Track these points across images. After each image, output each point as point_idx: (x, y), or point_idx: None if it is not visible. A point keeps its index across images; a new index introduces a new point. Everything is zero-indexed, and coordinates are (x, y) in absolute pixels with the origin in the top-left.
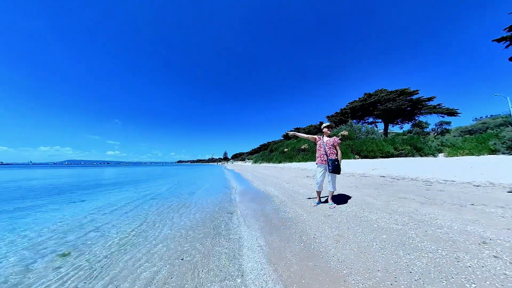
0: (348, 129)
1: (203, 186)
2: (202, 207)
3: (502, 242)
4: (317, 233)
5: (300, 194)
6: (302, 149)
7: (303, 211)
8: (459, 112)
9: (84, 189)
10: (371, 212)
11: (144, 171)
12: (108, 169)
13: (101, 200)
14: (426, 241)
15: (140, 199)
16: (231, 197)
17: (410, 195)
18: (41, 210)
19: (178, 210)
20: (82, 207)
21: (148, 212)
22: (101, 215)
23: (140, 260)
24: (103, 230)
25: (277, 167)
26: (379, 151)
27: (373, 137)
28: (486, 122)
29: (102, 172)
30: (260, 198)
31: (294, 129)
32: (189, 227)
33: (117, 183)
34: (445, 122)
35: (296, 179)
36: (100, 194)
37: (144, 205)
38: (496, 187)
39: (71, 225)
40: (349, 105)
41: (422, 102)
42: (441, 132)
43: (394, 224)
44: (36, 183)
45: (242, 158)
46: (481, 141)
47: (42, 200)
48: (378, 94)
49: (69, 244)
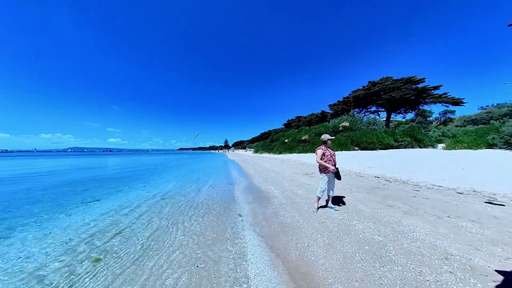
0: (350, 120)
1: (208, 182)
2: (209, 209)
3: (460, 258)
4: (310, 241)
5: (298, 196)
6: (303, 140)
7: (300, 216)
8: (464, 102)
9: (96, 186)
10: (359, 221)
11: (148, 161)
12: (112, 158)
13: (115, 199)
14: (400, 254)
15: (151, 199)
16: (235, 196)
17: (397, 202)
18: (65, 213)
19: (187, 212)
20: (100, 208)
21: (160, 214)
22: (120, 216)
23: (163, 267)
24: (125, 235)
25: (277, 159)
26: (379, 142)
27: (374, 128)
28: (490, 111)
29: (108, 162)
30: (261, 199)
31: (295, 118)
32: (199, 232)
33: (125, 178)
34: (450, 111)
35: (295, 177)
36: (112, 192)
37: (156, 206)
38: (478, 195)
39: (95, 229)
40: (352, 94)
41: (427, 91)
42: (444, 121)
43: (377, 236)
44: (51, 182)
45: (243, 146)
46: (481, 134)
47: (63, 200)
48: (383, 82)
49: (100, 250)
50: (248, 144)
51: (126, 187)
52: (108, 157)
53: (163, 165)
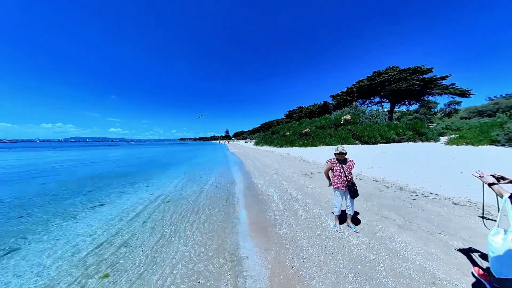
0: (352, 112)
1: (209, 181)
2: (210, 214)
3: (446, 284)
4: (306, 257)
5: (297, 201)
6: (304, 134)
7: (297, 226)
8: (472, 93)
9: (101, 185)
10: (354, 235)
11: (151, 154)
12: (115, 150)
13: (119, 203)
14: (390, 276)
15: (153, 202)
16: (234, 199)
17: (393, 213)
18: (73, 219)
19: (188, 219)
20: (105, 213)
21: (163, 220)
22: (124, 223)
23: (167, 282)
24: (130, 246)
25: (277, 154)
26: (380, 136)
27: (376, 121)
28: (498, 103)
29: (111, 155)
30: (260, 203)
31: (297, 108)
32: (201, 242)
33: (129, 176)
34: (456, 102)
35: (294, 177)
36: (116, 194)
37: (159, 210)
38: (472, 206)
39: (102, 238)
40: (356, 85)
41: (434, 82)
42: (448, 113)
43: (370, 253)
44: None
45: (244, 137)
46: (484, 130)
47: (69, 204)
48: (388, 72)
49: (107, 263)
50: (249, 135)
51: (130, 187)
52: (111, 149)
53: (165, 159)
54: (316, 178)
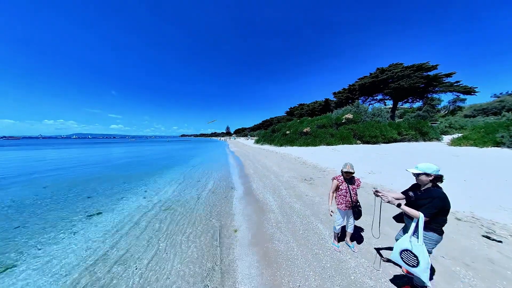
0: (353, 111)
1: (208, 185)
2: (207, 225)
3: None
4: (302, 280)
5: (295, 212)
6: (304, 133)
7: (295, 242)
8: (477, 91)
9: (99, 190)
10: (353, 256)
11: (150, 153)
12: (115, 149)
13: (116, 211)
14: None
15: (151, 210)
16: (232, 208)
17: (394, 230)
18: (69, 230)
19: (185, 230)
20: (101, 224)
21: (159, 232)
22: (120, 236)
23: None
24: (125, 263)
25: (277, 154)
26: (382, 136)
27: (378, 120)
28: (504, 100)
29: (113, 154)
30: (258, 213)
31: (298, 105)
32: (196, 259)
33: (128, 178)
34: (460, 99)
35: (294, 183)
36: (114, 201)
37: (156, 220)
38: (476, 223)
39: (98, 254)
40: (358, 82)
41: (439, 79)
42: (452, 110)
43: (368, 278)
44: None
45: (244, 134)
46: (489, 131)
47: (66, 212)
48: (392, 69)
49: (100, 285)
50: (249, 132)
51: (128, 193)
52: (112, 147)
53: (165, 159)
54: (316, 184)
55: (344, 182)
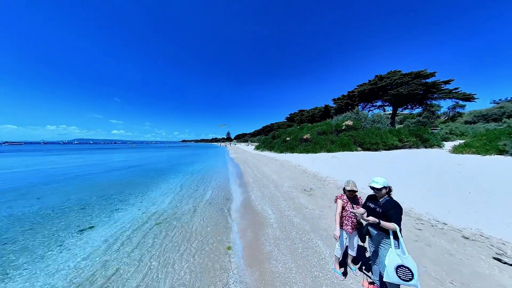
0: (354, 117)
1: (205, 196)
2: (202, 242)
3: None
4: None
5: (294, 226)
6: (304, 139)
7: (293, 262)
8: (476, 98)
9: (94, 200)
10: (355, 280)
11: (150, 159)
12: (115, 155)
13: (109, 225)
14: None
15: (146, 224)
16: (229, 222)
17: None
18: (59, 247)
19: (179, 248)
20: (92, 240)
21: (152, 249)
22: (111, 253)
23: None
24: (113, 285)
25: (277, 161)
26: (383, 143)
27: (378, 127)
28: (503, 106)
29: (111, 162)
30: (256, 227)
31: (298, 112)
32: (188, 282)
33: (124, 186)
34: (459, 106)
35: (293, 194)
36: (108, 213)
37: (149, 235)
38: (485, 243)
39: (85, 275)
40: (357, 88)
41: (437, 86)
42: (452, 116)
43: None
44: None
45: (245, 139)
46: (491, 138)
47: (59, 225)
48: (390, 77)
49: None
50: (250, 138)
51: (123, 204)
52: (112, 153)
53: (164, 167)
54: (316, 195)
55: (348, 202)
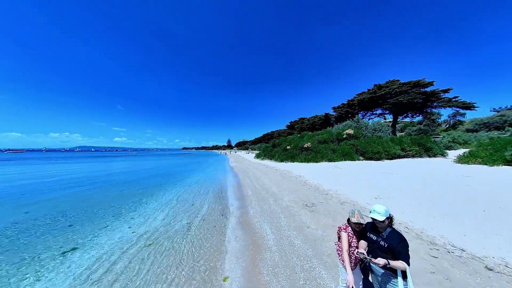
0: (354, 127)
1: (201, 211)
2: (193, 268)
3: None
4: None
5: (294, 250)
6: (305, 148)
7: None
8: (476, 106)
9: (84, 217)
10: None
11: (149, 167)
12: (115, 163)
13: (94, 246)
14: None
15: (134, 245)
16: (225, 240)
17: None
18: (36, 274)
19: (167, 276)
20: (73, 266)
21: (138, 276)
22: (91, 283)
23: None
24: None
25: (277, 171)
26: (385, 152)
27: (380, 136)
28: (504, 115)
29: (109, 171)
30: (253, 250)
31: (299, 120)
32: None
33: (116, 200)
34: (460, 114)
35: (294, 210)
36: (95, 232)
37: (136, 260)
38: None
39: None
40: (357, 97)
41: (436, 95)
42: (453, 124)
43: None
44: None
45: (245, 147)
46: (497, 148)
47: (41, 245)
48: (389, 86)
49: None
50: (250, 146)
51: (114, 219)
52: (112, 161)
53: (162, 177)
54: (318, 212)
55: (354, 237)
